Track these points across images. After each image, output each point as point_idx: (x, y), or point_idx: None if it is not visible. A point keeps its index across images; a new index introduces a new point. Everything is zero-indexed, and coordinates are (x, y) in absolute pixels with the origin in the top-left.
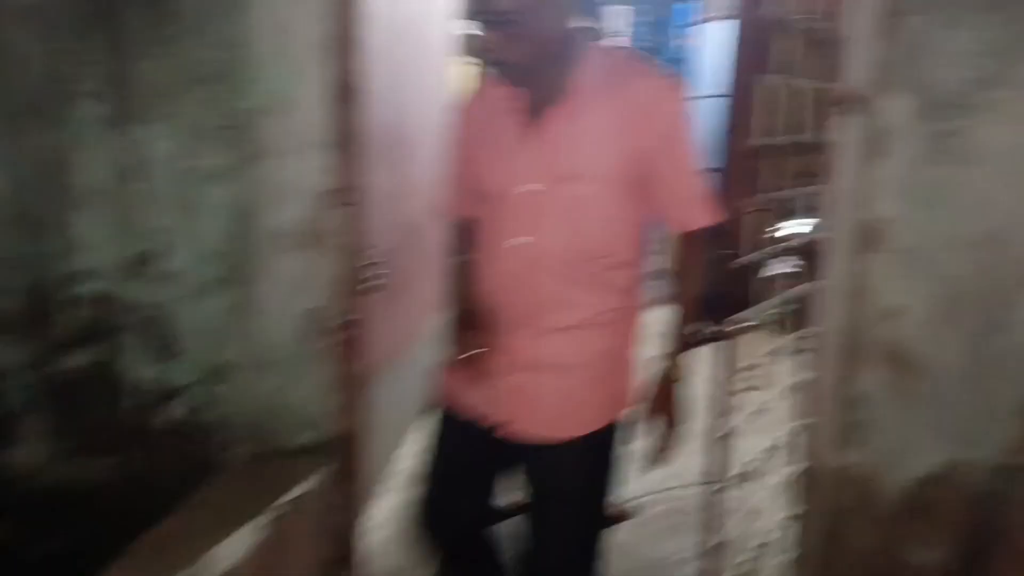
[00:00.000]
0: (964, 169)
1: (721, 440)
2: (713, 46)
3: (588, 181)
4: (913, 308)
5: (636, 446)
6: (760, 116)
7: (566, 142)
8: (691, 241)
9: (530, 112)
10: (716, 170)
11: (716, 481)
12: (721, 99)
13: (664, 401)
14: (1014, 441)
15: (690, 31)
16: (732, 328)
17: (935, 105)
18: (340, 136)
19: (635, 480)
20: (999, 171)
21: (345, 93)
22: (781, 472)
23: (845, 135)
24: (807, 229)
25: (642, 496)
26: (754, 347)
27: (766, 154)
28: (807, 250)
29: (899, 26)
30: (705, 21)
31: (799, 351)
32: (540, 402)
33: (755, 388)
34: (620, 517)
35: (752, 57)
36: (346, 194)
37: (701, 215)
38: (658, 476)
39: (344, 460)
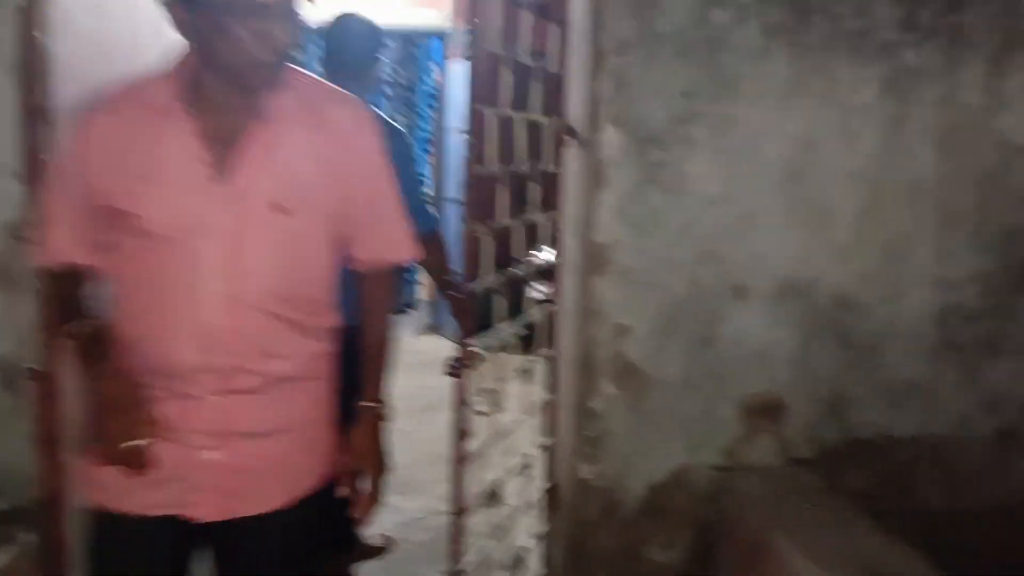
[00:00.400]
0: (673, 197)
1: (465, 464)
2: (458, 82)
3: (296, 216)
4: (637, 325)
5: (344, 494)
6: (494, 147)
7: (268, 172)
8: (382, 277)
9: (216, 137)
10: (459, 201)
11: (462, 506)
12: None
13: (368, 446)
14: (733, 443)
15: (441, 67)
16: (473, 352)
17: (643, 139)
18: (29, 164)
19: (390, 511)
20: (702, 198)
21: (34, 115)
22: (528, 491)
23: (569, 166)
24: (550, 255)
25: (399, 526)
26: (498, 369)
27: (508, 183)
28: (549, 274)
29: (605, 65)
30: (448, 58)
31: (537, 371)
32: (248, 474)
33: (493, 412)
34: (376, 551)
35: (485, 92)
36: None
37: (400, 250)
38: (416, 504)
39: (48, 530)
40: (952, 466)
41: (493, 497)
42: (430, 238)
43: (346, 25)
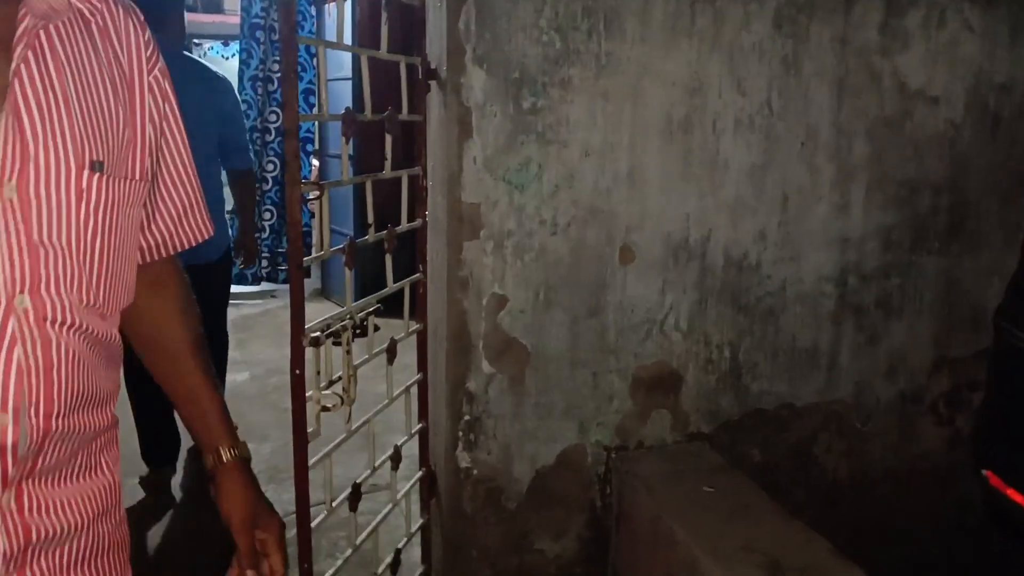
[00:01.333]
0: (550, 148)
1: (309, 468)
2: (341, 25)
3: (109, 175)
4: (515, 295)
5: None
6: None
7: (66, 104)
8: (177, 266)
9: None
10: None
11: (308, 513)
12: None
13: (259, 506)
14: (626, 420)
15: (320, 8)
16: (325, 332)
17: (515, 82)
18: None
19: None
20: (581, 149)
21: None
22: (402, 482)
23: (432, 114)
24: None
25: None
26: (356, 349)
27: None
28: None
29: None
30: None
31: (405, 348)
32: None
33: (341, 407)
34: None
35: (367, 35)
36: None
37: (196, 231)
38: (290, 494)
39: None
40: (855, 434)
41: (357, 492)
42: (244, 175)
43: None
